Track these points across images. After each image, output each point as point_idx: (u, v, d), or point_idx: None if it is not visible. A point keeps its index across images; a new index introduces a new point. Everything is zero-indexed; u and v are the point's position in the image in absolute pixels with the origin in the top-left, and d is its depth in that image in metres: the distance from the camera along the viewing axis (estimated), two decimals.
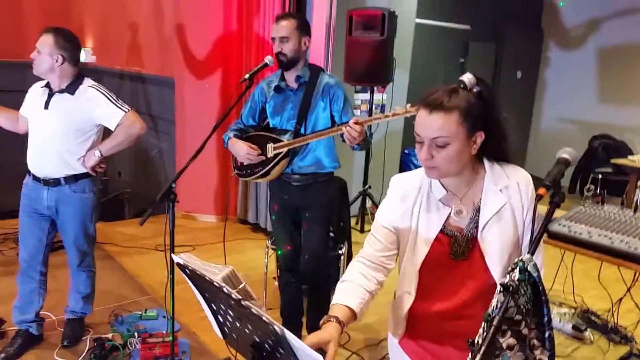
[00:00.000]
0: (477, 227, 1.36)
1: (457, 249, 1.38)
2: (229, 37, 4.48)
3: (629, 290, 2.72)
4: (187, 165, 2.26)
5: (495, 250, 1.35)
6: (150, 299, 3.30)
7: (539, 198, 1.18)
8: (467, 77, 1.31)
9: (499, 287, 1.07)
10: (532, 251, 1.10)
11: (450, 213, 1.39)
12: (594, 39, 6.78)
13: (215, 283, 1.20)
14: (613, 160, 5.03)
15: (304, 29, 2.44)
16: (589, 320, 3.08)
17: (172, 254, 1.33)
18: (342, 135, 2.29)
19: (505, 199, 1.35)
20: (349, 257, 3.17)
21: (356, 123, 2.19)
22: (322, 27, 3.93)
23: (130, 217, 5.16)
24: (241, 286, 1.29)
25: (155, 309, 3.09)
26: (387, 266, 1.44)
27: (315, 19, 3.96)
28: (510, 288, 1.01)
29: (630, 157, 5.20)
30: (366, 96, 4.57)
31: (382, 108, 4.87)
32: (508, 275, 1.04)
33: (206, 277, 1.23)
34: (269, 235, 4.34)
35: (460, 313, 1.38)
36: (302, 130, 2.46)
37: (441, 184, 1.40)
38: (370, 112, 4.49)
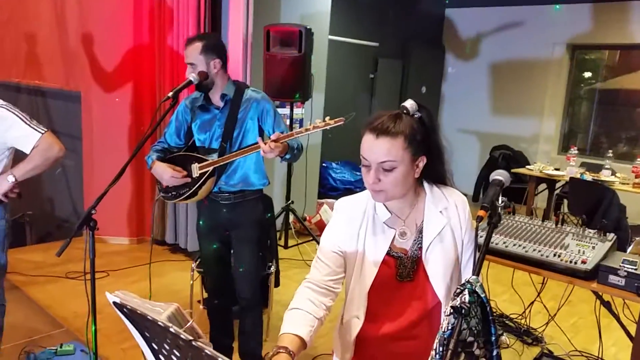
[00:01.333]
0: (420, 248, 1.41)
1: (402, 270, 1.41)
2: (140, 50, 4.30)
3: (539, 294, 2.94)
4: (107, 190, 2.10)
5: (439, 270, 1.39)
6: (65, 331, 3.04)
7: (479, 219, 1.24)
8: (410, 104, 1.36)
9: (448, 309, 1.10)
10: (477, 272, 1.16)
11: (395, 235, 1.42)
12: (485, 54, 7.36)
13: (160, 323, 1.13)
14: (513, 170, 5.46)
15: (212, 50, 2.34)
16: (504, 324, 3.29)
17: (107, 293, 1.22)
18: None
19: (446, 220, 1.41)
20: (277, 276, 3.14)
21: (274, 140, 2.17)
22: (239, 43, 3.90)
23: (34, 242, 4.74)
24: (188, 325, 1.22)
25: (72, 342, 2.84)
26: (334, 290, 1.44)
27: (232, 34, 3.92)
28: (462, 310, 1.05)
29: (528, 166, 5.68)
30: (285, 111, 4.58)
31: (301, 122, 4.92)
32: (458, 298, 1.08)
33: (149, 317, 1.15)
34: (190, 256, 4.19)
35: (408, 334, 1.42)
36: (229, 148, 2.41)
37: (385, 206, 1.43)
38: (290, 126, 4.51)
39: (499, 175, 1.35)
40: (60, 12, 4.63)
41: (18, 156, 2.40)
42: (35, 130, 2.32)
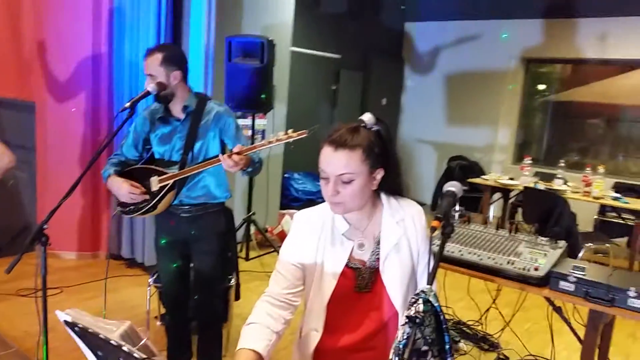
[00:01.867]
0: (378, 259, 1.43)
1: (361, 282, 1.43)
2: (97, 59, 4.20)
3: (494, 301, 3.02)
4: (60, 202, 2.05)
5: (396, 281, 1.42)
6: (15, 352, 2.89)
7: (433, 230, 1.27)
8: (367, 117, 1.39)
9: (403, 318, 1.12)
10: (430, 281, 1.18)
11: (353, 247, 1.43)
12: (443, 66, 7.57)
13: (112, 342, 1.10)
14: (469, 180, 5.59)
15: (172, 61, 2.31)
16: (461, 331, 3.36)
17: (57, 311, 1.19)
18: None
19: (402, 231, 1.44)
20: (237, 289, 3.11)
21: (237, 153, 2.15)
22: (200, 53, 3.88)
23: None
24: (142, 343, 1.20)
25: None
26: (293, 303, 1.44)
27: (193, 44, 3.89)
28: (417, 320, 1.07)
29: (483, 176, 5.84)
30: (247, 122, 4.57)
31: (263, 133, 4.91)
32: (413, 307, 1.10)
33: (100, 336, 1.12)
34: (147, 271, 4.10)
35: (365, 345, 1.43)
36: (190, 161, 2.38)
37: (344, 218, 1.45)
38: (252, 138, 4.50)
39: (452, 186, 1.39)
40: (15, 19, 4.48)
41: None
42: None
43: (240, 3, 4.68)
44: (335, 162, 1.33)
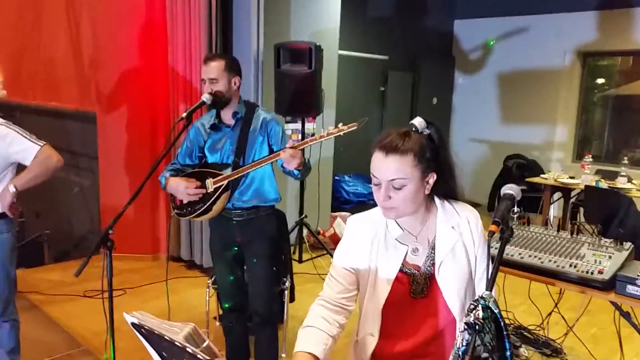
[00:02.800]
0: (433, 264, 1.41)
1: (416, 287, 1.41)
2: (153, 71, 4.37)
3: (556, 304, 2.91)
4: (124, 209, 2.16)
5: (453, 286, 1.40)
6: (84, 351, 3.07)
7: (491, 234, 1.24)
8: (418, 121, 1.38)
9: (462, 325, 1.11)
10: (489, 287, 1.16)
11: (407, 251, 1.42)
12: (494, 63, 7.36)
13: (177, 343, 1.15)
14: (528, 179, 5.41)
15: (233, 68, 2.45)
16: (522, 336, 3.25)
17: (125, 314, 1.25)
18: (281, 165, 2.31)
19: (458, 236, 1.42)
20: (292, 291, 3.15)
21: (292, 147, 2.20)
22: (250, 61, 3.96)
23: (52, 261, 4.81)
24: (205, 344, 1.24)
25: None
26: (347, 308, 1.44)
27: (243, 52, 3.98)
28: (476, 327, 1.06)
29: (542, 175, 5.63)
30: (297, 126, 4.62)
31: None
32: (472, 314, 1.09)
33: (166, 337, 1.17)
34: (205, 272, 4.22)
35: (422, 351, 1.42)
36: (242, 164, 2.44)
37: (397, 223, 1.44)
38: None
39: (510, 189, 1.36)
40: (75, 37, 4.75)
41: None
42: (35, 143, 2.43)
43: (288, 10, 4.74)
44: (386, 167, 1.33)
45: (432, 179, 1.38)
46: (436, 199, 1.46)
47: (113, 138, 4.42)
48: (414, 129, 1.38)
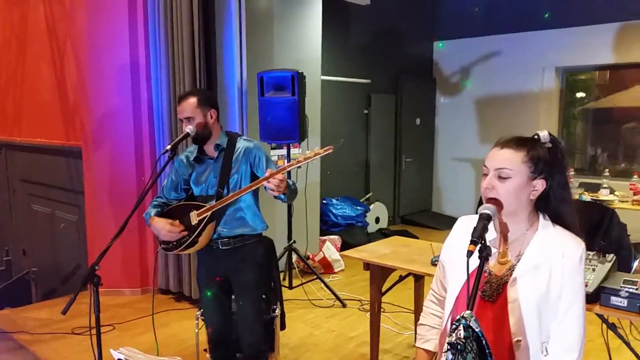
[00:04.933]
0: (511, 274, 1.40)
1: (487, 288, 1.42)
2: (138, 104, 4.39)
3: None
4: (110, 244, 2.17)
5: (519, 300, 1.36)
6: None
7: (469, 254, 1.27)
8: (543, 133, 1.43)
9: (446, 345, 1.13)
10: (471, 306, 1.18)
11: (494, 253, 1.42)
12: (475, 82, 7.51)
13: None
14: None
15: (206, 102, 2.46)
16: None
17: (112, 350, 1.26)
18: (266, 188, 2.33)
19: (547, 256, 1.38)
20: (282, 318, 3.14)
21: (276, 172, 2.23)
22: (234, 90, 4.01)
23: (39, 299, 4.75)
24: None
25: None
26: None
27: (227, 83, 4.04)
28: (458, 346, 1.07)
29: None
30: (283, 152, 4.66)
31: None
32: (454, 334, 1.11)
33: None
34: (195, 304, 4.18)
35: None
36: (225, 194, 2.46)
37: (494, 227, 1.46)
38: None
39: (486, 209, 1.38)
40: (59, 69, 4.78)
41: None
42: None
43: (270, 40, 4.83)
44: (497, 157, 1.40)
45: (540, 186, 1.39)
46: (541, 218, 1.45)
47: (99, 172, 4.41)
48: (536, 137, 1.43)
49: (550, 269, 1.38)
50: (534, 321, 1.36)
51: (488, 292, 1.42)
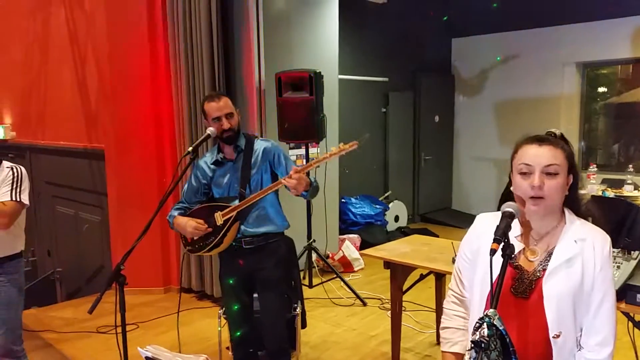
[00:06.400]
0: (544, 269, 1.39)
1: (519, 285, 1.40)
2: (159, 106, 4.45)
3: None
4: (134, 244, 2.21)
5: (557, 296, 1.36)
6: None
7: (492, 252, 1.27)
8: (557, 131, 1.47)
9: (470, 344, 1.13)
10: (494, 305, 1.18)
11: (523, 248, 1.43)
12: (491, 79, 7.42)
13: None
14: None
15: (234, 103, 2.58)
16: None
17: (139, 348, 1.29)
18: (287, 187, 2.36)
19: (579, 250, 1.39)
20: (303, 317, 3.15)
21: (296, 172, 2.26)
22: (253, 91, 4.05)
23: (64, 298, 4.85)
24: None
25: None
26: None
27: (246, 84, 4.07)
28: (482, 344, 1.07)
29: None
30: (301, 151, 4.68)
31: None
32: (477, 332, 1.11)
33: None
34: (217, 303, 4.23)
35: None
36: (248, 193, 2.49)
37: (519, 224, 1.45)
38: None
39: (509, 207, 1.38)
40: (80, 74, 4.87)
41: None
42: (13, 194, 2.48)
43: (288, 40, 4.85)
44: (542, 154, 1.37)
45: (570, 181, 1.42)
46: (566, 212, 1.46)
47: (121, 173, 4.48)
48: (554, 135, 1.44)
49: (583, 262, 1.38)
50: (570, 316, 1.36)
51: (520, 288, 1.40)
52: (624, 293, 2.05)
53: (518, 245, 1.43)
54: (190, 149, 2.40)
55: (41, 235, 5.57)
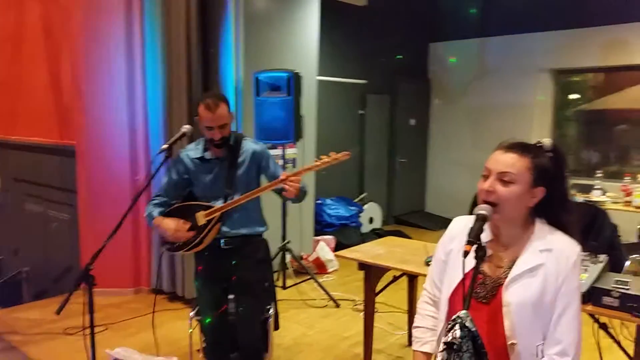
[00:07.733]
0: (506, 277, 1.40)
1: (481, 289, 1.41)
2: (133, 102, 4.37)
3: None
4: (104, 244, 2.16)
5: (515, 303, 1.35)
6: None
7: (465, 254, 1.28)
8: (547, 141, 1.44)
9: (442, 345, 1.13)
10: (466, 306, 1.19)
11: (490, 255, 1.42)
12: (466, 84, 7.53)
13: None
14: None
15: (229, 105, 2.47)
16: None
17: (107, 350, 1.25)
18: (279, 192, 2.35)
19: (543, 260, 1.38)
20: (276, 318, 3.13)
21: (295, 175, 2.25)
22: (230, 90, 4.01)
23: (30, 299, 4.71)
24: None
25: None
26: None
27: (223, 82, 4.03)
28: (454, 346, 1.08)
29: None
30: (278, 152, 4.66)
31: (294, 162, 4.99)
32: (450, 333, 1.11)
33: None
34: (188, 304, 4.17)
35: None
36: (232, 195, 2.46)
37: (490, 230, 1.46)
38: (283, 167, 4.58)
39: (482, 209, 1.39)
40: (54, 67, 4.75)
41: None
42: None
43: (267, 40, 4.82)
44: (502, 160, 1.38)
45: (540, 193, 1.39)
46: (537, 222, 1.44)
47: (92, 171, 4.38)
48: (539, 145, 1.43)
49: (545, 274, 1.37)
50: (528, 325, 1.36)
51: (482, 293, 1.42)
52: (590, 295, 2.10)
53: (487, 251, 1.43)
54: (165, 146, 2.35)
55: (8, 233, 5.42)
